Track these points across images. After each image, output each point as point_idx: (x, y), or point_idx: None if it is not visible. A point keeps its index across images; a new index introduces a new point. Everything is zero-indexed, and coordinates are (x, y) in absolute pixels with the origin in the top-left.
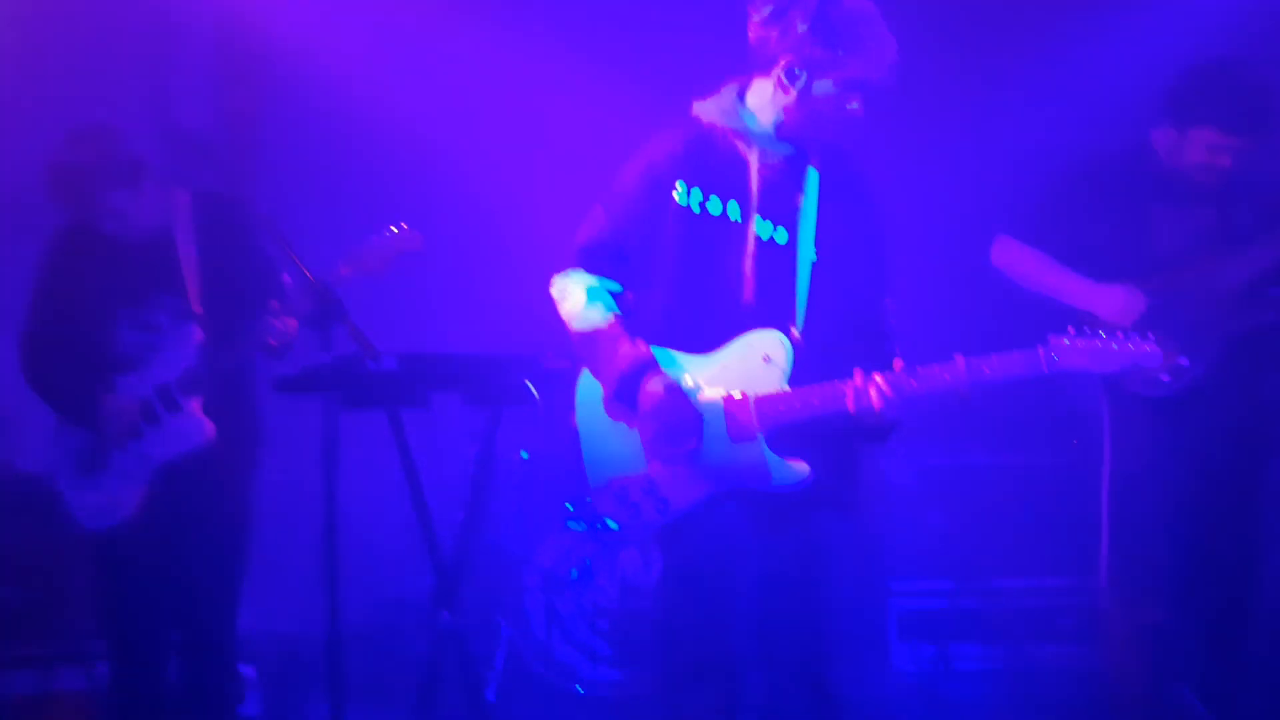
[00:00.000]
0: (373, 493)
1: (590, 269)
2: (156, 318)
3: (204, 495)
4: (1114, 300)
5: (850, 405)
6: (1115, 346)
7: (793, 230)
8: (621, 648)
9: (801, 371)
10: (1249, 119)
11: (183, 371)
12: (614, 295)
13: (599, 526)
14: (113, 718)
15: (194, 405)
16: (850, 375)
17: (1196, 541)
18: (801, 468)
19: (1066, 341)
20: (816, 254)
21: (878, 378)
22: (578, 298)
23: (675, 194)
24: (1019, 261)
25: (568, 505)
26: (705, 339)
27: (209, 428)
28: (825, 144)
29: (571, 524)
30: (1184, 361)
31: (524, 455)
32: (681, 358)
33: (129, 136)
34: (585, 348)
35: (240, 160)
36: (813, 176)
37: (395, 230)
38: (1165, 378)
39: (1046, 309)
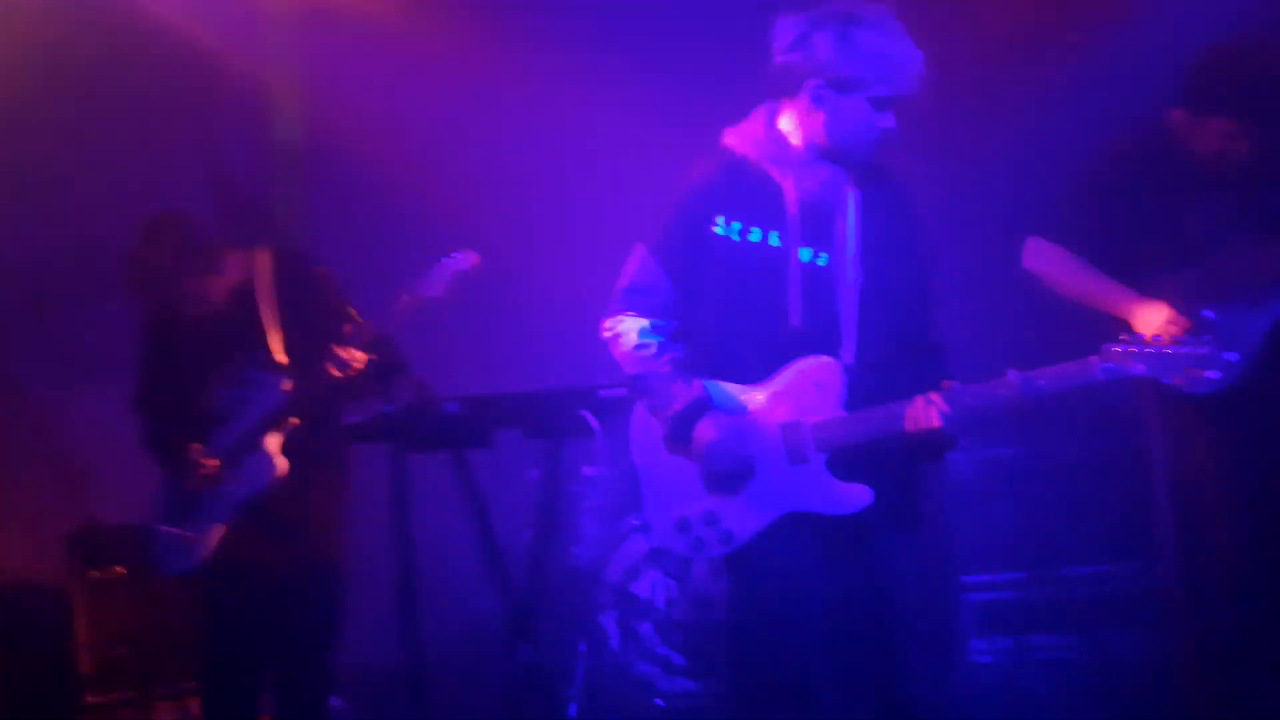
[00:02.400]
0: (443, 524)
1: (638, 310)
2: (245, 376)
3: (283, 531)
4: (1150, 316)
5: (908, 426)
6: (1171, 352)
7: (834, 253)
8: (697, 659)
9: (855, 393)
10: (1262, 107)
11: (263, 413)
12: (664, 333)
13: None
14: None
15: (270, 443)
16: (903, 395)
17: (1266, 535)
18: (862, 491)
19: (1119, 348)
20: (862, 274)
21: (935, 397)
22: (629, 340)
23: (715, 228)
24: (1051, 264)
25: (634, 521)
26: (757, 368)
27: (281, 464)
28: (862, 163)
29: (639, 540)
30: (1233, 358)
31: (587, 472)
32: (735, 389)
33: (203, 222)
34: (640, 388)
35: (291, 212)
36: (851, 197)
37: (450, 257)
38: (1213, 375)
39: (1082, 313)
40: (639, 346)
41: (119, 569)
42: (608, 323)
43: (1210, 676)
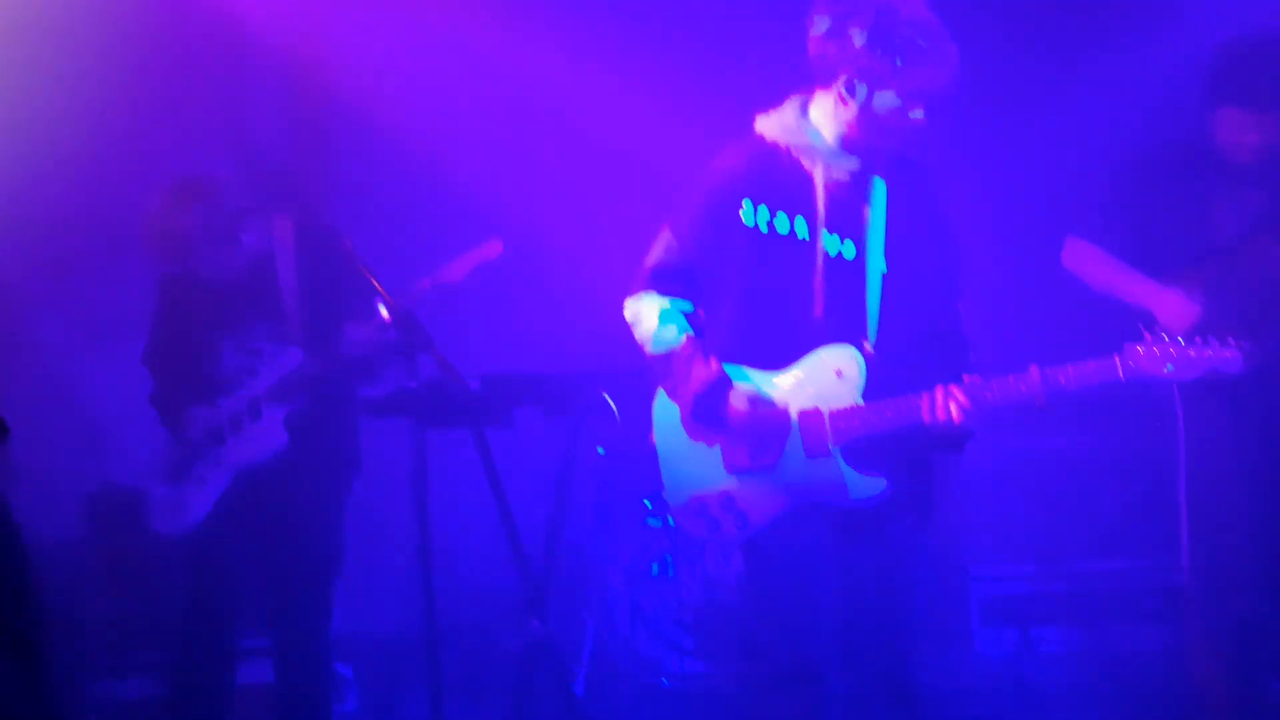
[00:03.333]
0: (460, 498)
1: (661, 290)
2: (257, 344)
3: (279, 501)
4: (1170, 304)
5: (925, 418)
6: (1193, 354)
7: (860, 244)
8: (705, 640)
9: (875, 385)
10: (1268, 96)
11: (272, 383)
12: (686, 315)
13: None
14: (170, 714)
15: (275, 415)
16: (924, 386)
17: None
18: (878, 482)
19: (1142, 350)
20: (887, 266)
21: (955, 390)
22: (650, 320)
23: (741, 213)
24: (1087, 262)
25: (646, 502)
26: (778, 356)
27: (282, 437)
28: (891, 154)
29: (651, 521)
30: (1246, 345)
31: (601, 451)
32: (755, 375)
33: (229, 190)
34: (661, 369)
35: (316, 185)
36: (879, 188)
37: (476, 247)
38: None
39: (1114, 310)
40: (660, 328)
41: (136, 532)
42: (629, 303)
43: (1220, 669)
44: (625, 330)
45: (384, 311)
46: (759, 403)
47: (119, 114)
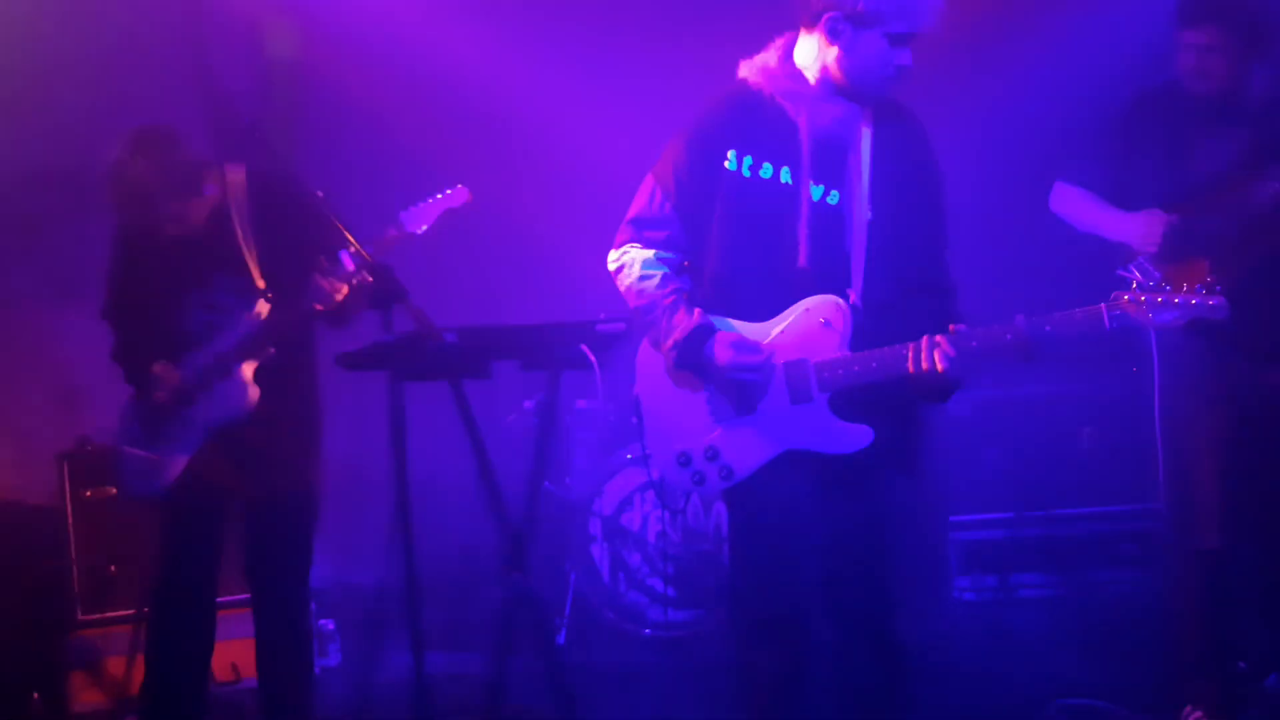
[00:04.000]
0: (439, 451)
1: (645, 242)
2: (220, 297)
3: (252, 458)
4: (1137, 227)
5: (911, 368)
6: (1179, 299)
7: (845, 191)
8: (685, 590)
9: (861, 334)
10: (1208, 9)
11: (239, 339)
12: (671, 265)
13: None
14: (148, 675)
15: (245, 371)
16: (911, 335)
17: (1251, 465)
18: (862, 431)
19: (1127, 297)
20: (872, 213)
21: (940, 339)
22: (634, 271)
23: (726, 163)
24: (1073, 205)
25: (627, 455)
26: (763, 306)
27: (253, 392)
28: (877, 99)
29: (631, 471)
30: (1210, 278)
31: (580, 404)
32: (741, 325)
33: (187, 140)
34: (644, 319)
35: (284, 134)
36: (866, 134)
37: (441, 194)
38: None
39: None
40: (643, 278)
41: (111, 489)
42: (613, 254)
43: (1194, 609)
44: (604, 281)
45: (349, 260)
46: (742, 349)
47: (85, 67)
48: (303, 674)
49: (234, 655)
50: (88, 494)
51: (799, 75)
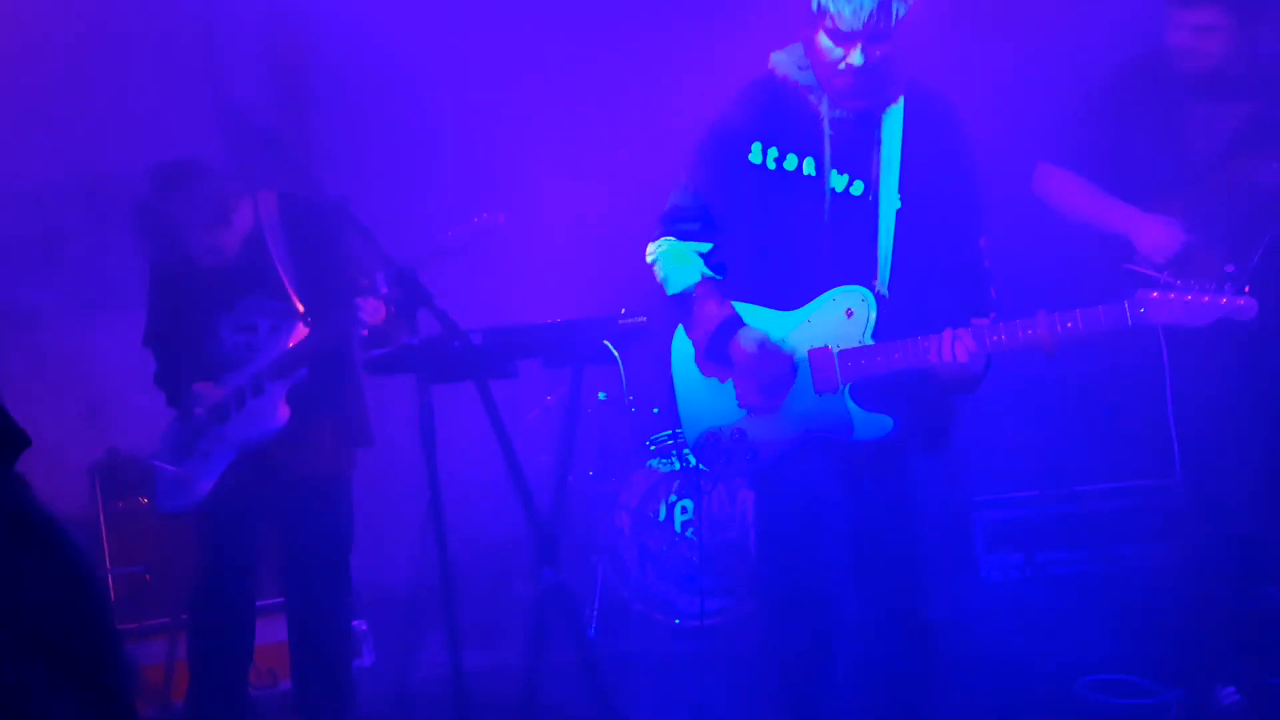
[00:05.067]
0: (468, 453)
1: (678, 233)
2: (254, 320)
3: (284, 476)
4: (1152, 235)
5: (934, 360)
6: (1207, 299)
7: (870, 181)
8: (713, 579)
9: (889, 324)
10: None
11: (273, 360)
12: (703, 256)
13: (685, 464)
14: (193, 681)
15: (277, 390)
16: (940, 326)
17: (1269, 444)
18: (883, 421)
19: (1155, 294)
20: (901, 202)
21: (962, 333)
22: (667, 263)
23: (750, 155)
24: (1060, 189)
25: (649, 444)
26: (791, 295)
27: (284, 411)
28: (847, 95)
29: (655, 463)
30: (1230, 269)
31: (601, 397)
32: (770, 314)
33: (211, 170)
34: (678, 309)
35: (303, 152)
36: (892, 121)
37: (478, 219)
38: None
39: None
40: (676, 270)
41: (142, 499)
42: (651, 247)
43: (1218, 586)
44: (624, 277)
45: (384, 283)
46: (766, 345)
47: (100, 81)
48: (341, 675)
49: (271, 659)
50: (120, 505)
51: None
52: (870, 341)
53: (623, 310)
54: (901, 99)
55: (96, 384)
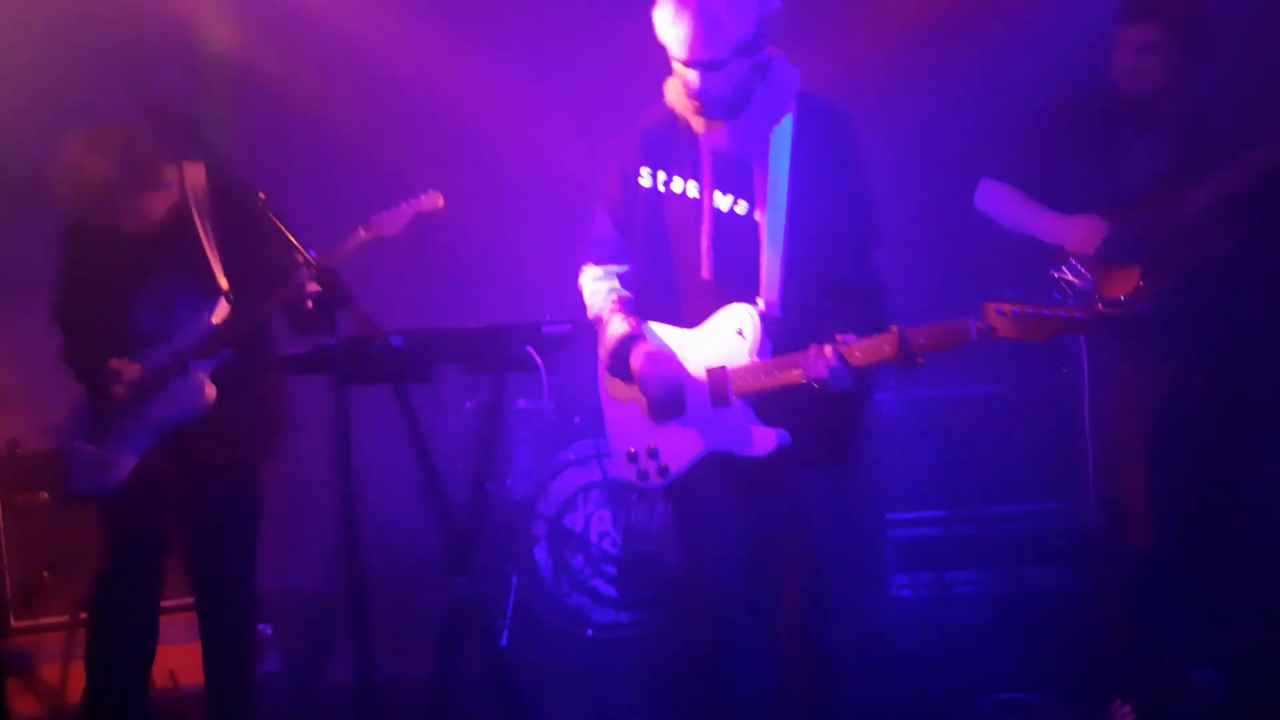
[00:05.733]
0: (384, 455)
1: (594, 259)
2: (171, 298)
3: (202, 459)
4: (1076, 230)
5: (804, 375)
6: (1048, 314)
7: (753, 200)
8: (628, 591)
9: (777, 341)
10: (1151, 5)
11: (197, 338)
12: (619, 278)
13: (604, 474)
14: (90, 680)
15: (202, 370)
16: (829, 340)
17: (1179, 466)
18: (775, 435)
19: (996, 309)
20: (790, 218)
21: (826, 348)
22: (588, 288)
23: (641, 179)
24: (1000, 203)
25: (568, 453)
26: (690, 314)
27: (210, 391)
28: (800, 103)
29: (574, 472)
30: (1141, 283)
31: (522, 405)
32: (675, 332)
33: (145, 134)
34: (597, 331)
35: (223, 133)
36: (781, 137)
37: (413, 199)
38: (1124, 300)
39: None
40: (593, 293)
41: (43, 494)
42: (580, 274)
43: (1124, 607)
44: (550, 284)
45: (307, 265)
46: (657, 360)
47: (19, 66)
48: (246, 680)
49: (171, 662)
50: (19, 499)
51: None
52: (756, 359)
53: (547, 317)
54: (790, 115)
55: None
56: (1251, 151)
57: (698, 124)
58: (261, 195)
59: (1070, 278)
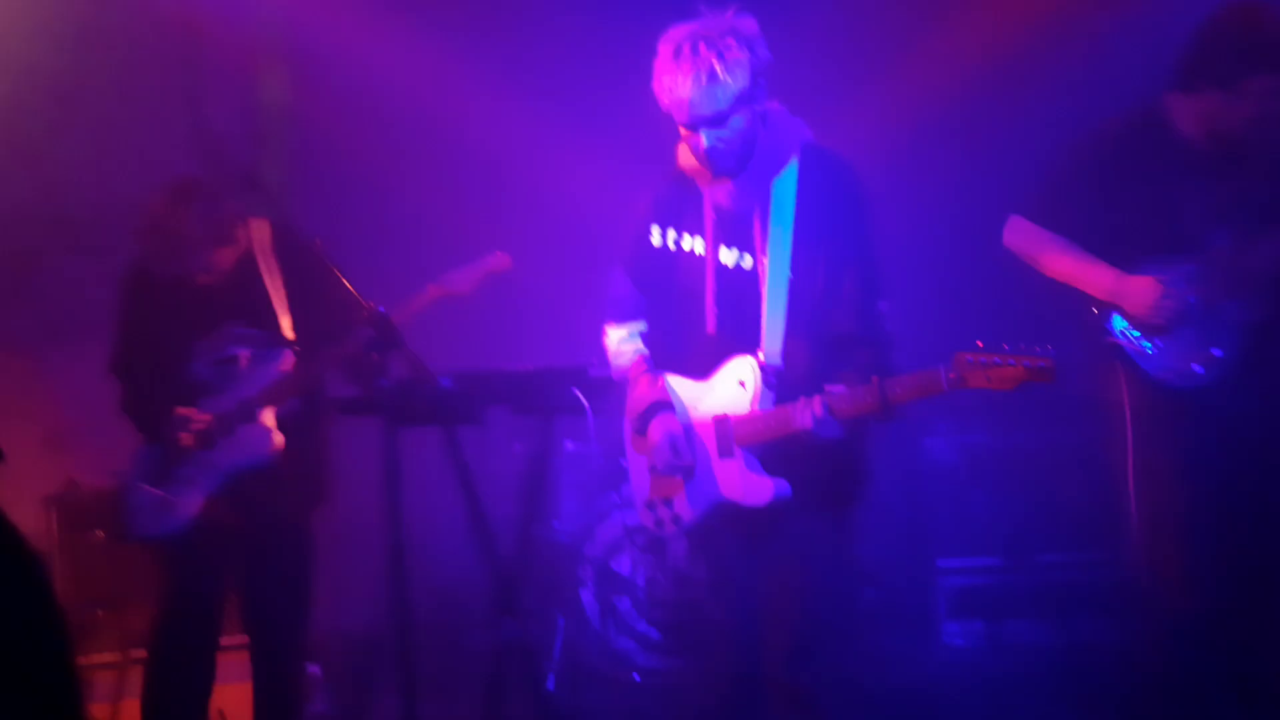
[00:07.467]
0: (431, 497)
1: (616, 319)
2: (232, 350)
3: (264, 504)
4: (1139, 293)
5: (792, 426)
6: (1013, 363)
7: (756, 254)
8: (675, 636)
9: (778, 391)
10: (1254, 75)
11: (264, 386)
12: (642, 336)
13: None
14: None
15: (267, 416)
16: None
17: (1232, 532)
18: (774, 484)
19: (968, 359)
20: (793, 271)
21: (814, 399)
22: (612, 348)
23: (651, 238)
24: (1033, 244)
25: (615, 497)
26: (700, 366)
27: (277, 439)
28: (805, 154)
29: (619, 516)
30: (1217, 353)
31: (570, 448)
32: (688, 385)
33: (227, 190)
34: (624, 389)
35: (280, 181)
36: (784, 189)
37: (485, 257)
38: (1199, 369)
39: (1063, 297)
40: (617, 354)
41: (99, 532)
42: (605, 333)
43: (1168, 666)
44: (596, 327)
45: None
46: (667, 437)
47: (77, 109)
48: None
49: (220, 700)
50: (76, 537)
51: None
52: (757, 409)
53: (593, 360)
54: (794, 165)
55: (57, 414)
56: None
57: (706, 181)
58: (318, 241)
59: (1125, 340)
